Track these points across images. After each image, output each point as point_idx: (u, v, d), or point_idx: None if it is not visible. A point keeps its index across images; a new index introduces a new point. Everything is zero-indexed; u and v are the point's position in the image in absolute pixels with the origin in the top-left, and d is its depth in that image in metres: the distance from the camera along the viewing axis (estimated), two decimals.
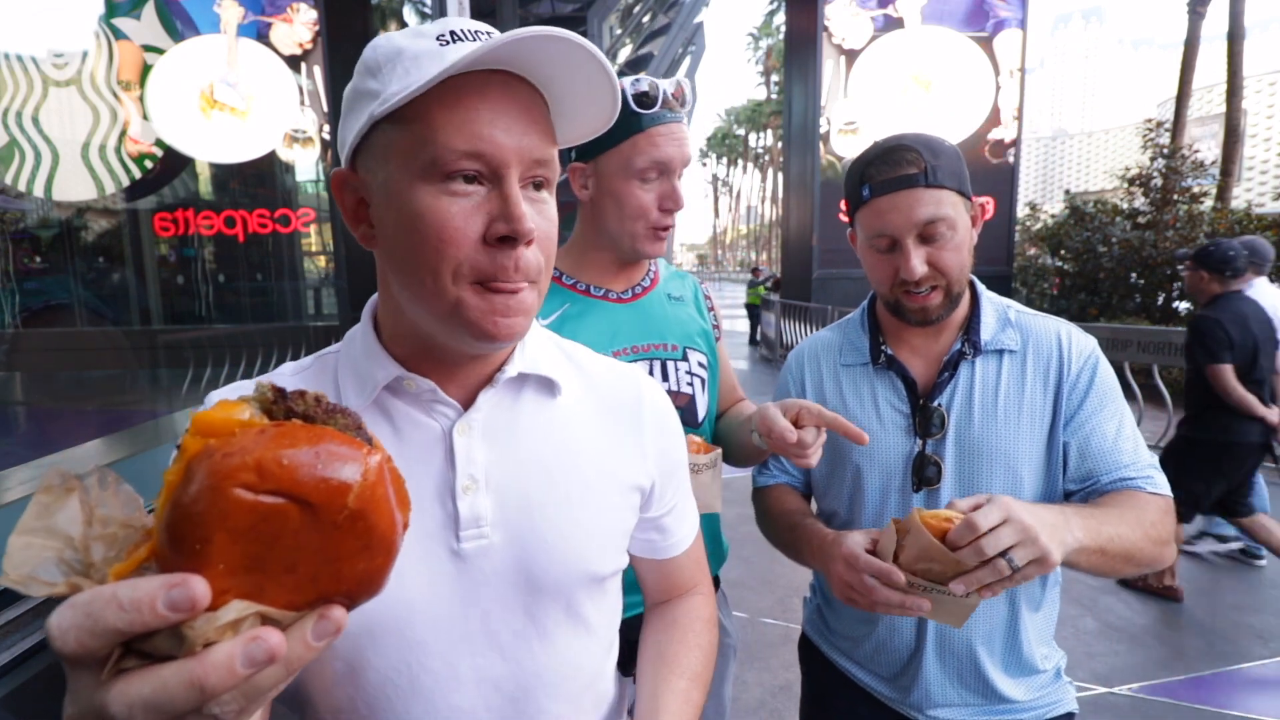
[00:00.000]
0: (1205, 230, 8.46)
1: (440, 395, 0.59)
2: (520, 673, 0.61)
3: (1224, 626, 2.94)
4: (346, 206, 0.59)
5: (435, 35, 0.53)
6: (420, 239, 0.53)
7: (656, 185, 1.07)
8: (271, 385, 0.37)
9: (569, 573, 0.62)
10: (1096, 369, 0.99)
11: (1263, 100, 42.53)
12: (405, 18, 7.11)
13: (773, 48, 45.15)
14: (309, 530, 0.33)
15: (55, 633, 0.30)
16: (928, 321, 1.00)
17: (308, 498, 0.33)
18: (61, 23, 3.01)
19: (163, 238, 3.54)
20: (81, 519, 0.33)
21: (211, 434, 0.33)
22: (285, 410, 0.36)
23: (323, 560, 0.34)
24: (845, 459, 1.07)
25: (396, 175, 0.53)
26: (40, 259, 3.20)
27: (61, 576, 0.32)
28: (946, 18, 8.83)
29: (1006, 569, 0.74)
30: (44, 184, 3.03)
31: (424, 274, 0.54)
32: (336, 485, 0.33)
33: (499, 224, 0.53)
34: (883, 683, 1.09)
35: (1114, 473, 0.95)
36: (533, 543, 0.61)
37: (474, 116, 0.52)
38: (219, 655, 0.30)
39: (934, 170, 0.93)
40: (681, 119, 1.08)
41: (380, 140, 0.54)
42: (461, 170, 0.52)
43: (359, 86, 0.55)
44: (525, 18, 12.43)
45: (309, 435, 0.34)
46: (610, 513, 0.66)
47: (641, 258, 1.13)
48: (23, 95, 2.92)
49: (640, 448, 0.69)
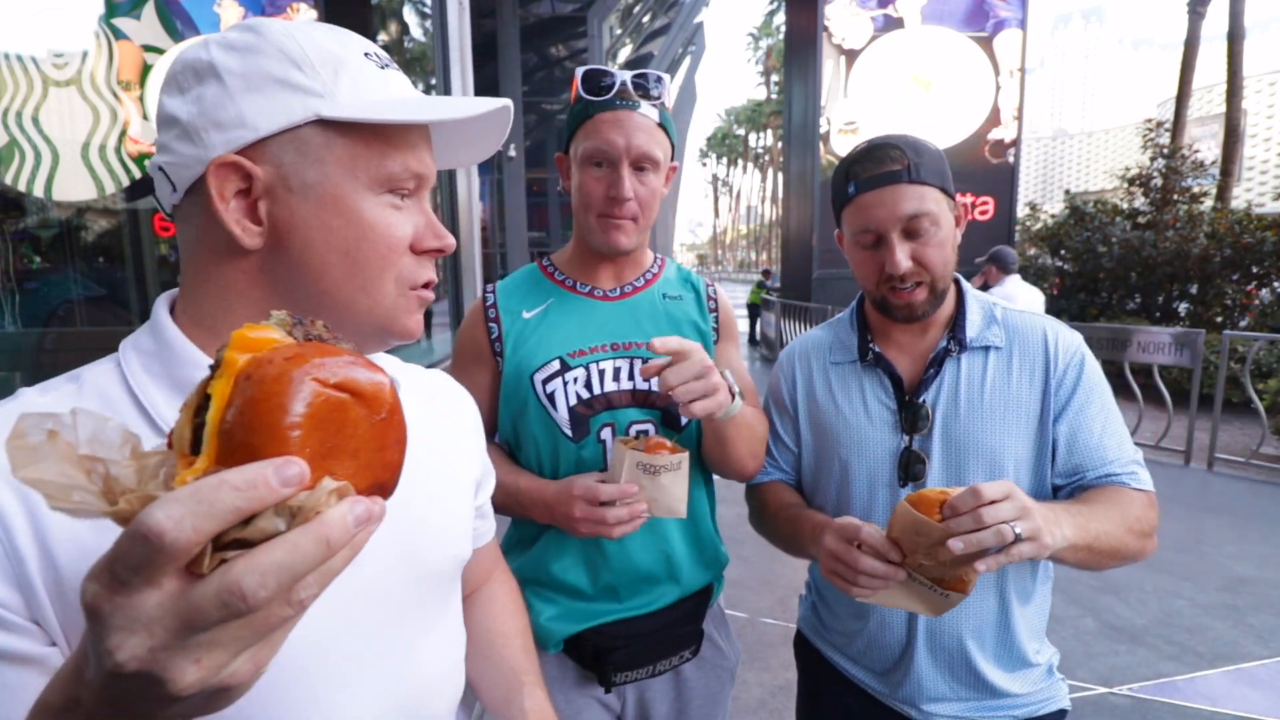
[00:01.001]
0: (1205, 230, 8.46)
1: None
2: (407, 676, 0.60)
3: (1224, 626, 2.94)
4: (224, 196, 0.51)
5: (363, 52, 0.56)
6: (369, 246, 0.55)
7: (604, 173, 1.05)
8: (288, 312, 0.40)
9: (447, 557, 0.66)
10: (1083, 365, 1.00)
11: (1263, 100, 42.53)
12: (405, 18, 7.11)
13: (773, 48, 45.17)
14: (364, 421, 0.37)
15: (168, 523, 0.29)
16: (913, 318, 1.02)
17: (362, 393, 0.37)
18: (61, 23, 3.01)
19: (163, 238, 3.55)
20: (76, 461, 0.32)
21: (254, 349, 0.36)
22: (304, 333, 0.39)
23: (374, 448, 0.38)
24: (833, 455, 1.09)
25: (337, 180, 0.53)
26: (40, 259, 3.21)
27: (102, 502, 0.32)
28: (946, 18, 8.83)
29: (1010, 534, 0.75)
30: (44, 184, 3.03)
31: (361, 278, 0.55)
32: (379, 383, 0.38)
33: (428, 238, 0.58)
34: (876, 678, 1.10)
35: (1100, 468, 0.98)
36: (411, 533, 0.62)
37: (420, 144, 0.58)
38: (335, 514, 0.33)
39: (917, 167, 0.96)
40: (635, 106, 1.04)
41: (314, 140, 0.52)
42: (404, 187, 0.57)
43: (274, 72, 0.51)
44: (525, 17, 12.43)
45: (335, 350, 0.38)
46: (461, 498, 0.71)
47: (605, 250, 1.09)
48: (23, 95, 2.92)
49: (466, 440, 0.74)
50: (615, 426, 1.09)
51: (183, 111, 0.52)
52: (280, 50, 0.52)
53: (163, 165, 0.54)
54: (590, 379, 1.07)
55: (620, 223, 1.06)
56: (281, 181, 0.52)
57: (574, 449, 1.07)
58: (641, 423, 1.10)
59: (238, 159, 0.51)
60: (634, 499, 0.97)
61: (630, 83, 1.04)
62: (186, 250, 0.56)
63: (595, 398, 1.07)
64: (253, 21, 0.54)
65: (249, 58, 0.51)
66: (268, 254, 0.54)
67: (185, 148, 0.52)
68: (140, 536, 0.29)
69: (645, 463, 0.96)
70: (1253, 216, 8.31)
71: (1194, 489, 4.84)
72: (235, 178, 0.51)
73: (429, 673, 0.63)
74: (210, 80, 0.51)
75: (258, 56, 0.51)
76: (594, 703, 1.11)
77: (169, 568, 0.30)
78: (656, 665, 1.11)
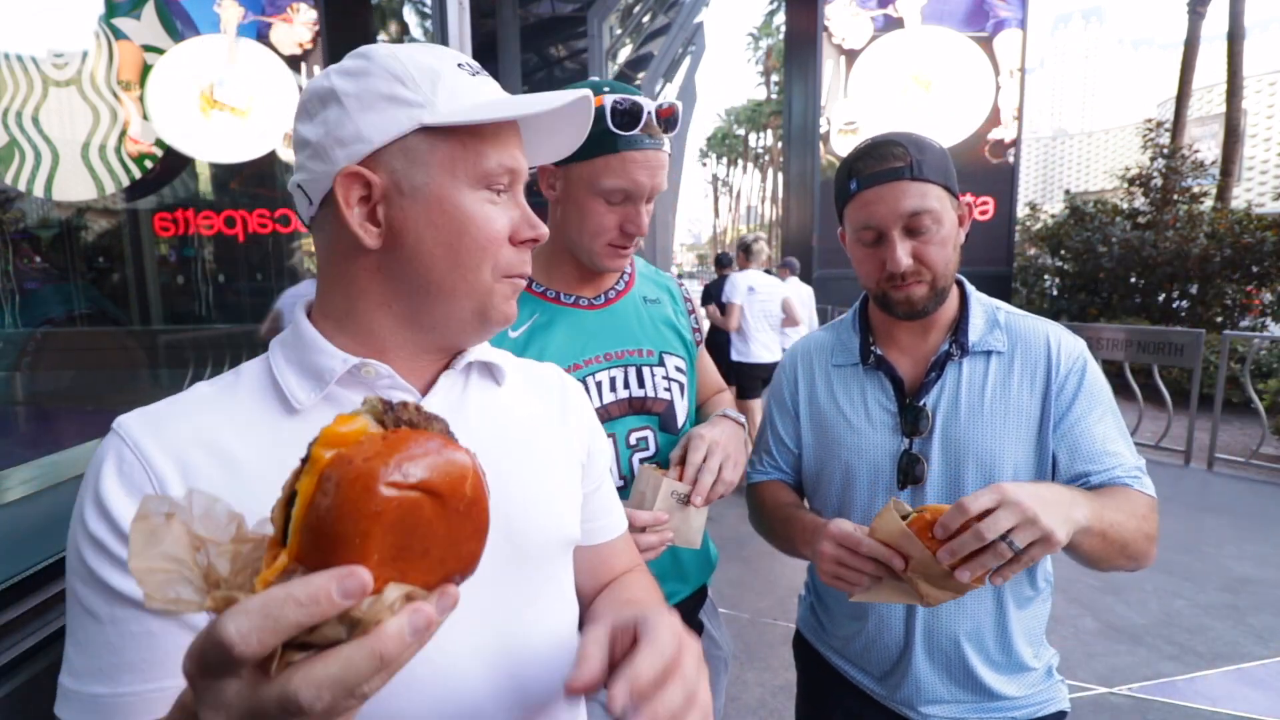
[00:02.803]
0: (1205, 230, 8.46)
1: (399, 381, 0.62)
2: (515, 647, 0.63)
3: (1224, 626, 2.94)
4: (349, 203, 0.58)
5: (456, 64, 0.61)
6: (470, 239, 0.60)
7: (621, 208, 1.04)
8: (379, 398, 0.41)
9: (549, 537, 0.67)
10: (1085, 371, 1.00)
11: (1263, 100, 42.51)
12: (405, 18, 7.11)
13: (773, 48, 45.14)
14: (439, 518, 0.38)
15: (236, 638, 0.32)
16: (914, 314, 1.01)
17: (438, 490, 0.37)
18: (61, 23, 3.01)
19: (163, 238, 3.54)
20: (187, 542, 0.36)
21: (341, 444, 0.37)
22: (395, 419, 0.40)
23: (449, 544, 0.39)
24: (834, 457, 1.09)
25: (440, 180, 0.59)
26: (40, 258, 3.21)
27: (197, 596, 0.35)
28: (946, 18, 8.82)
29: (1008, 552, 0.74)
30: (44, 184, 3.03)
31: (463, 269, 0.61)
32: (457, 477, 0.38)
33: (524, 229, 0.63)
34: (874, 680, 1.10)
35: (1104, 472, 0.97)
36: (513, 510, 0.64)
37: (512, 141, 0.63)
38: (391, 629, 0.34)
39: (919, 164, 0.96)
40: (661, 145, 1.03)
41: (420, 146, 0.59)
42: (499, 183, 0.62)
43: (383, 90, 0.58)
44: (525, 17, 12.43)
45: (421, 438, 0.38)
46: (567, 480, 0.73)
47: (603, 271, 1.10)
48: (23, 95, 2.92)
49: (567, 426, 0.76)
50: (616, 437, 1.08)
51: (313, 134, 0.59)
52: (386, 70, 0.58)
53: (300, 183, 0.62)
54: (589, 393, 1.07)
55: (629, 250, 1.08)
56: (395, 186, 0.59)
57: None
58: (640, 430, 1.10)
59: (359, 169, 0.58)
60: (664, 527, 0.97)
61: (654, 117, 1.00)
62: (321, 255, 0.64)
63: (596, 411, 1.07)
64: (364, 49, 0.61)
65: (361, 80, 0.58)
66: (385, 252, 0.60)
67: (317, 165, 0.59)
68: (215, 642, 0.33)
69: (679, 492, 0.97)
70: (1253, 216, 8.31)
71: (1194, 489, 4.84)
72: (357, 186, 0.59)
73: (537, 643, 0.65)
74: (332, 104, 0.59)
75: (369, 78, 0.58)
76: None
77: (240, 669, 0.34)
78: None
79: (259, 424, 0.59)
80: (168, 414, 0.58)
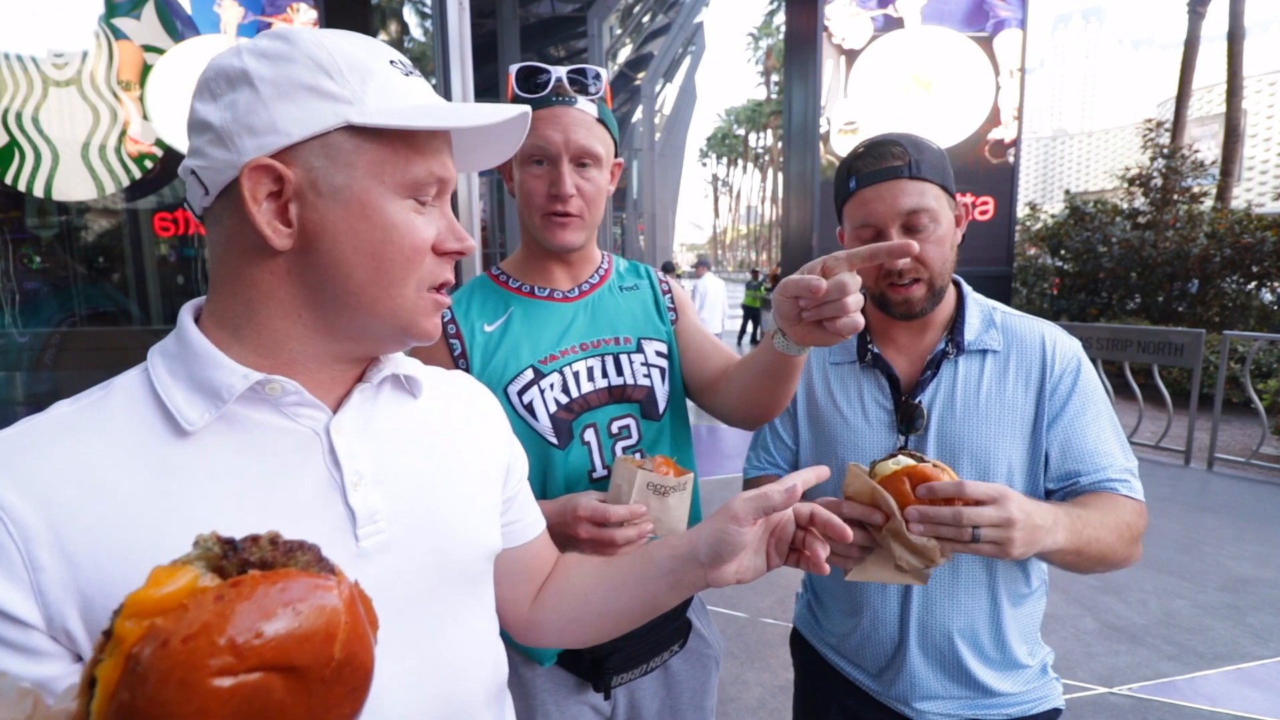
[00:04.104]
0: (1205, 230, 8.45)
1: (306, 397, 0.57)
2: (439, 666, 0.61)
3: (1224, 626, 2.94)
4: (256, 199, 0.52)
5: (388, 60, 0.57)
6: (394, 249, 0.56)
7: (545, 170, 1.04)
8: (216, 537, 0.32)
9: (473, 549, 0.66)
10: (1080, 371, 1.01)
11: (1263, 100, 42.50)
12: (405, 17, 7.11)
13: (773, 48, 45.16)
14: (295, 695, 0.30)
15: None
16: (911, 315, 1.03)
17: (295, 663, 0.29)
18: (61, 23, 3.01)
19: (163, 238, 3.54)
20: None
21: (156, 613, 0.28)
22: (239, 562, 0.32)
23: (311, 717, 0.31)
24: (830, 454, 1.10)
25: (364, 184, 0.55)
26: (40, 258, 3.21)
27: None
28: (946, 18, 8.81)
29: (967, 536, 0.77)
30: (44, 184, 3.03)
31: (385, 280, 0.57)
32: (322, 636, 0.30)
33: (449, 240, 0.60)
34: (869, 676, 1.11)
35: (1094, 474, 0.98)
36: (435, 526, 0.62)
37: (443, 150, 0.60)
38: None
39: (917, 164, 0.97)
40: (572, 103, 1.03)
41: (344, 146, 0.54)
42: (427, 192, 0.58)
43: (305, 80, 0.52)
44: (525, 17, 12.44)
45: (278, 589, 0.30)
46: (486, 490, 0.71)
47: (553, 249, 1.09)
48: (23, 95, 2.92)
49: (482, 435, 0.74)
50: (598, 426, 1.08)
51: (216, 117, 0.53)
52: (311, 58, 0.53)
53: (195, 169, 0.55)
54: (567, 382, 1.06)
55: (566, 220, 1.05)
56: (311, 185, 0.54)
57: (561, 456, 1.06)
58: (621, 418, 1.09)
59: (271, 162, 0.52)
60: (642, 519, 0.96)
61: (566, 79, 1.03)
62: (215, 252, 0.57)
63: (574, 401, 1.06)
64: (283, 29, 0.55)
65: (281, 65, 0.53)
66: (296, 255, 0.55)
67: (218, 152, 0.53)
68: None
69: (655, 483, 0.95)
70: (1253, 216, 8.30)
71: (1194, 489, 4.84)
72: (268, 180, 0.53)
73: (461, 659, 0.64)
74: (243, 87, 0.53)
75: (289, 64, 0.53)
76: (587, 709, 1.11)
77: None
78: (650, 663, 1.12)
79: (141, 449, 0.51)
80: (23, 445, 0.49)
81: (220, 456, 0.53)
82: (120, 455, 0.50)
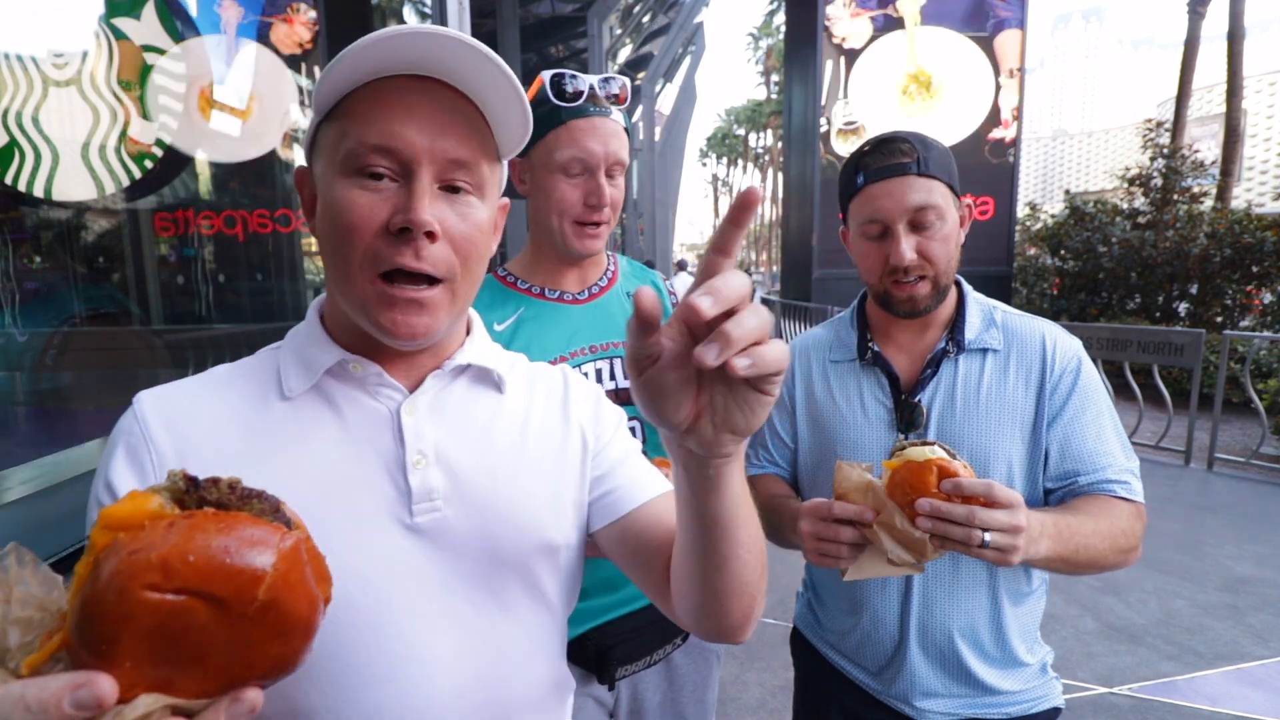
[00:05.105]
0: (1205, 230, 8.45)
1: (386, 379, 0.62)
2: (484, 648, 0.62)
3: (1224, 626, 2.94)
4: (305, 201, 0.63)
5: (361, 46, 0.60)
6: (339, 229, 0.57)
7: (581, 181, 1.05)
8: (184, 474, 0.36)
9: (525, 541, 0.65)
10: (1080, 371, 1.01)
11: (1263, 100, 42.48)
12: (405, 18, 7.11)
13: (773, 48, 45.14)
14: (217, 623, 0.33)
15: None
16: (915, 313, 1.03)
17: (215, 593, 0.32)
18: (61, 23, 3.01)
19: (163, 237, 3.54)
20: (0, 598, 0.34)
21: (120, 527, 0.33)
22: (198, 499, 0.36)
23: (232, 650, 0.34)
24: (830, 452, 1.10)
25: (326, 169, 0.59)
26: (40, 258, 3.21)
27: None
28: (946, 18, 8.82)
29: (977, 540, 0.77)
30: (44, 184, 3.03)
31: (340, 263, 0.58)
32: (247, 578, 0.33)
33: (398, 215, 0.55)
34: (869, 675, 1.11)
35: (1093, 474, 0.98)
36: (488, 513, 0.63)
37: (387, 114, 0.55)
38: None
39: (925, 160, 0.97)
40: (608, 114, 1.05)
41: (321, 139, 0.60)
42: (373, 164, 0.55)
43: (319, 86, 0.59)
44: (525, 17, 12.43)
45: (220, 525, 0.34)
46: (556, 482, 0.69)
47: (575, 256, 1.10)
48: (23, 95, 2.92)
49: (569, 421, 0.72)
50: None
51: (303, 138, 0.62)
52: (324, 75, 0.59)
53: None
54: None
55: (597, 229, 1.08)
56: (316, 182, 0.61)
57: None
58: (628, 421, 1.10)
59: (303, 165, 0.62)
60: None
61: (598, 88, 1.05)
62: None
63: None
64: None
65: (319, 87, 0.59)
66: None
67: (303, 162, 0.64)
68: None
69: None
70: (1253, 216, 8.30)
71: (1194, 489, 4.84)
72: (306, 184, 0.63)
73: (509, 646, 0.64)
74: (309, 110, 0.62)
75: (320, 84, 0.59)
76: (590, 700, 1.12)
77: None
78: (653, 655, 1.13)
79: (253, 407, 0.61)
80: (179, 393, 0.61)
81: (308, 422, 0.60)
82: (240, 410, 0.60)
